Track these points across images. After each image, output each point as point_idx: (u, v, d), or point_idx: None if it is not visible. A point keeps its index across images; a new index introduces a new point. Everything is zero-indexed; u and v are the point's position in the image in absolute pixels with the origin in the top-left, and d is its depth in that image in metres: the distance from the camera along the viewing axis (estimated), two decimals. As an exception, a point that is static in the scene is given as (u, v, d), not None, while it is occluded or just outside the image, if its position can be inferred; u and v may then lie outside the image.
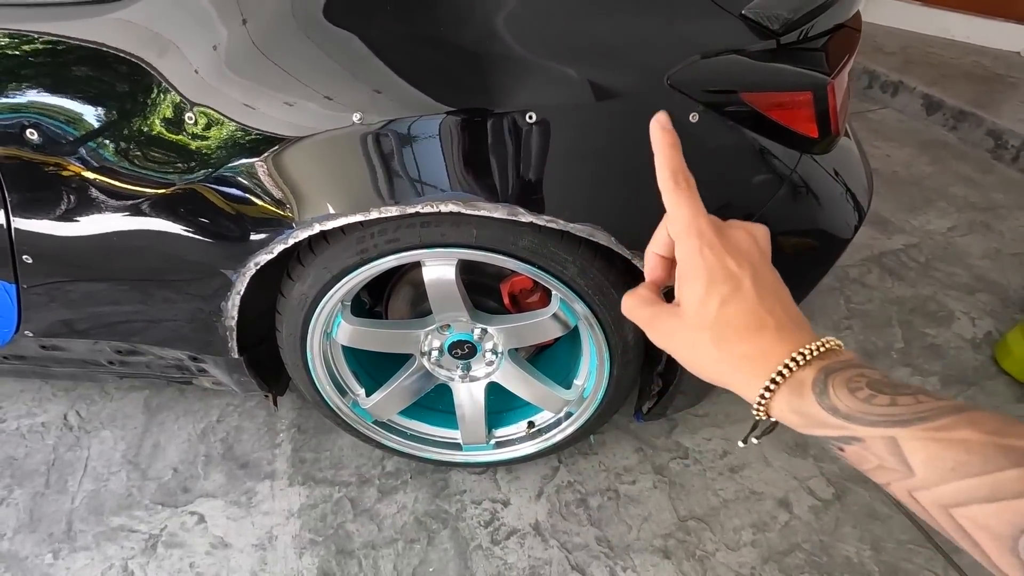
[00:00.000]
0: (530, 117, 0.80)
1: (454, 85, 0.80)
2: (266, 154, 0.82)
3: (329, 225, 0.85)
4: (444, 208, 0.83)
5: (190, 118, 0.81)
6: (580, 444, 1.41)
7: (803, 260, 1.04)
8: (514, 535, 1.24)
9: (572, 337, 1.15)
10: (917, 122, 3.04)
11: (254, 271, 0.91)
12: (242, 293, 0.94)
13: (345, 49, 0.79)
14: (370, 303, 1.31)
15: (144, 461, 1.31)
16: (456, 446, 1.27)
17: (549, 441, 1.23)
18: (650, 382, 1.26)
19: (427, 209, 0.83)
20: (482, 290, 1.11)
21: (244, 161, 0.82)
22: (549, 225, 0.86)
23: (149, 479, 1.28)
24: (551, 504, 1.29)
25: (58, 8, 0.79)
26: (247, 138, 0.81)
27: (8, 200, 0.88)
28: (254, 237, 0.87)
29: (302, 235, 0.86)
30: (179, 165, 0.84)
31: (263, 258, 0.89)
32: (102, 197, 0.86)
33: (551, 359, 1.31)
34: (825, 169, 1.01)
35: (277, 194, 0.84)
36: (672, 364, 1.13)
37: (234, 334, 1.02)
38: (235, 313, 0.98)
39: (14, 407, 1.40)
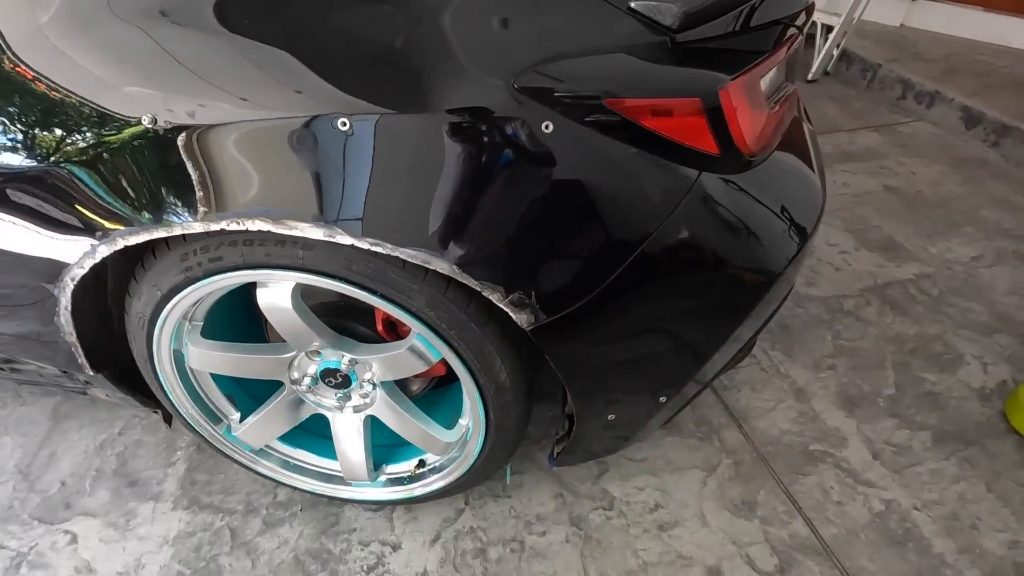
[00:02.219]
0: (343, 124, 0.69)
1: (256, 86, 0.70)
2: (64, 156, 0.74)
3: (132, 241, 0.76)
4: (251, 226, 0.73)
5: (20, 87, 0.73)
6: (493, 485, 1.27)
7: (712, 302, 0.88)
8: (397, 585, 1.12)
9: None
10: (954, 137, 2.74)
11: (72, 287, 0.83)
12: (70, 309, 0.87)
13: (135, 41, 0.70)
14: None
15: (36, 472, 1.27)
16: (344, 480, 1.16)
17: (434, 485, 1.10)
18: (559, 423, 1.12)
19: (234, 227, 0.73)
20: (356, 314, 1.00)
21: (43, 162, 0.74)
22: (374, 249, 0.74)
23: (35, 491, 1.24)
24: (446, 552, 1.17)
25: None
26: (47, 132, 0.73)
27: None
28: (64, 251, 0.80)
29: (107, 250, 0.78)
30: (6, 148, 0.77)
31: (77, 272, 0.81)
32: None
33: (450, 394, 1.19)
34: (744, 190, 0.85)
35: (79, 205, 0.76)
36: (581, 407, 0.99)
37: (79, 350, 0.95)
38: (71, 329, 0.91)
39: (-73, 406, 1.39)
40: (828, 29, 3.31)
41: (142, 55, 0.70)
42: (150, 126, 0.70)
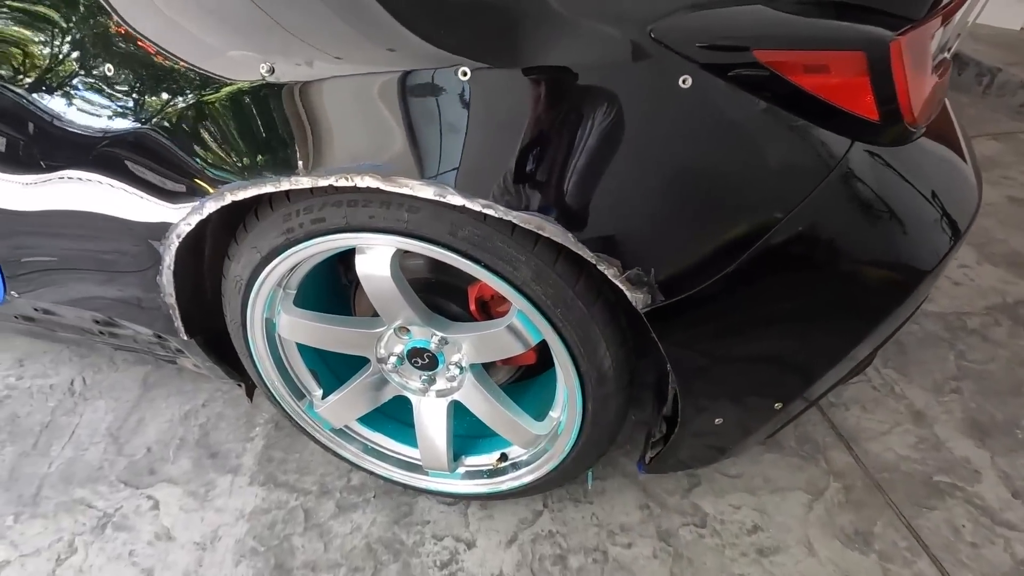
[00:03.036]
0: (463, 74, 0.64)
1: (375, 37, 0.66)
2: (182, 108, 0.73)
3: (240, 196, 0.75)
4: (360, 182, 0.69)
5: (121, 58, 0.73)
6: (573, 489, 1.19)
7: (850, 296, 0.77)
8: (471, 584, 1.05)
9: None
10: (1092, 147, 2.44)
11: (177, 244, 0.83)
12: (173, 268, 0.87)
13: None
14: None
15: (124, 436, 1.30)
16: (421, 469, 1.11)
17: (517, 480, 1.03)
18: (655, 425, 1.03)
19: (342, 183, 0.70)
20: (448, 291, 0.95)
21: (170, 113, 0.74)
22: (487, 211, 0.69)
23: (123, 455, 1.26)
24: (522, 555, 1.09)
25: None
26: (177, 83, 0.72)
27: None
28: (171, 207, 0.79)
29: (213, 206, 0.76)
30: (105, 117, 0.77)
31: (183, 230, 0.81)
32: (31, 155, 0.82)
33: (539, 385, 1.12)
34: (895, 170, 0.74)
35: (189, 158, 0.75)
36: (689, 409, 0.90)
37: (176, 312, 0.95)
38: (171, 290, 0.90)
39: (33, 366, 1.46)
40: (939, 31, 3.06)
41: (252, 11, 0.68)
42: (267, 76, 0.68)
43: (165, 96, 0.73)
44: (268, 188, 0.73)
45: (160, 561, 1.08)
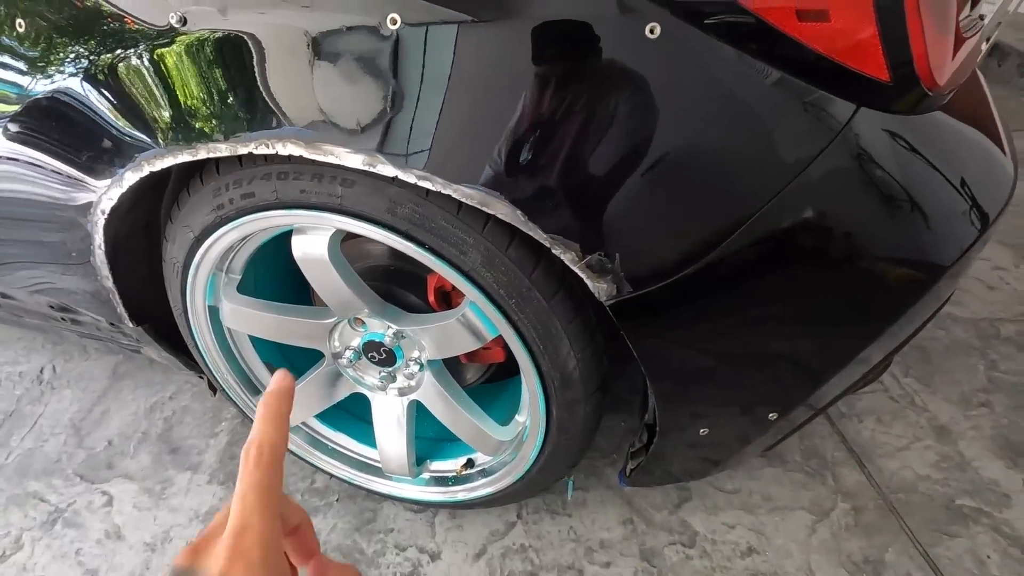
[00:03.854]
0: (392, 22, 0.55)
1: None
2: (94, 63, 0.65)
3: (158, 165, 0.67)
4: (283, 149, 0.61)
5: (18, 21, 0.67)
6: (551, 499, 1.09)
7: (852, 292, 0.66)
8: (431, 601, 0.97)
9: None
10: None
11: (103, 220, 0.76)
12: (104, 248, 0.80)
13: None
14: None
15: (87, 427, 1.25)
16: (383, 472, 1.03)
17: (482, 490, 0.94)
18: (636, 434, 0.93)
19: (263, 150, 0.62)
20: (405, 279, 0.86)
21: (76, 73, 0.67)
22: (423, 184, 0.60)
23: (82, 447, 1.21)
24: (490, 570, 1.00)
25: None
26: (94, 31, 0.65)
27: None
28: (92, 181, 0.72)
29: (133, 177, 0.69)
30: (21, 77, 0.70)
31: (106, 204, 0.73)
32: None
33: (513, 387, 1.02)
34: (911, 145, 0.63)
35: (102, 126, 0.67)
36: (666, 415, 0.79)
37: (116, 297, 0.88)
38: (107, 272, 0.84)
39: (4, 353, 1.43)
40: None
41: None
42: (177, 25, 0.60)
43: (73, 51, 0.65)
44: (185, 156, 0.65)
45: (106, 562, 1.02)
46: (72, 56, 0.66)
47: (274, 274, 0.96)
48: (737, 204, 0.59)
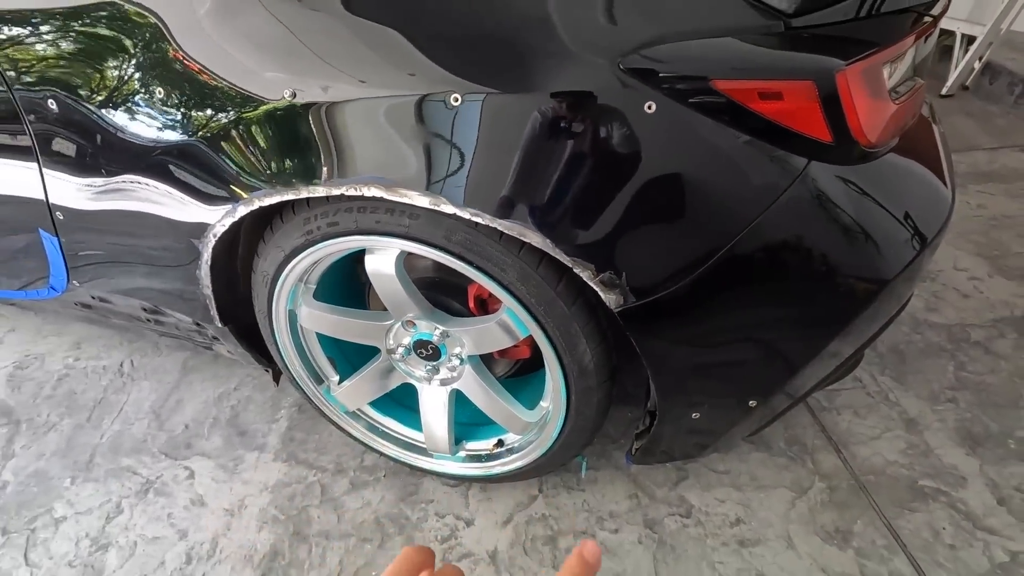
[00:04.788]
0: (455, 100, 0.74)
1: (381, 67, 0.77)
2: (220, 125, 0.85)
3: (267, 201, 0.86)
4: (367, 192, 0.80)
5: (174, 78, 0.86)
6: (567, 477, 1.28)
7: (813, 304, 0.84)
8: (467, 558, 1.15)
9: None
10: (1125, 159, 2.38)
11: (214, 243, 0.95)
12: (210, 263, 0.99)
13: (286, 23, 0.79)
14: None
15: (165, 413, 1.45)
16: (426, 451, 1.21)
17: (511, 464, 1.13)
18: (640, 419, 1.11)
19: (352, 192, 0.81)
20: (450, 289, 1.05)
21: (211, 128, 0.86)
22: (475, 219, 0.78)
23: (163, 430, 1.41)
24: (516, 535, 1.18)
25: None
26: (218, 103, 0.84)
27: (39, 152, 1.01)
28: (210, 209, 0.91)
29: (244, 210, 0.88)
30: (159, 132, 0.90)
31: (218, 230, 0.93)
32: (98, 163, 0.96)
33: (536, 380, 1.21)
34: (856, 185, 0.80)
35: (225, 167, 0.87)
36: (664, 403, 0.97)
37: (212, 302, 1.08)
38: (208, 282, 1.03)
39: (88, 349, 1.63)
40: (969, 40, 3.02)
41: (281, 39, 0.79)
42: (289, 99, 0.79)
43: (208, 112, 0.85)
44: (290, 196, 0.84)
45: (193, 524, 1.21)
46: (205, 116, 0.85)
47: (335, 282, 1.15)
48: (719, 233, 0.77)
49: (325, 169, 0.81)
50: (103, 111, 0.92)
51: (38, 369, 1.58)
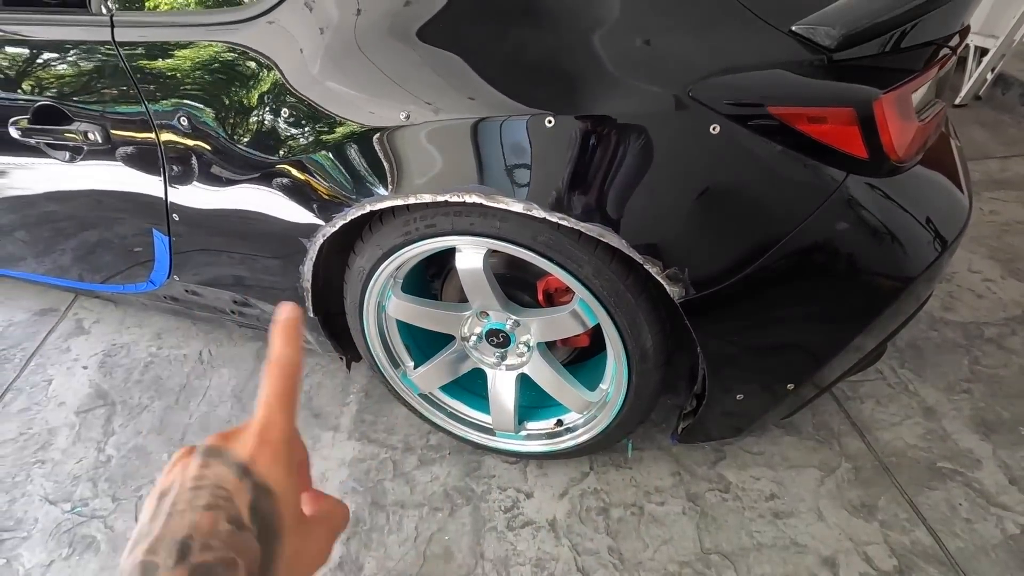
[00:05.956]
0: (549, 121, 0.88)
1: (481, 94, 0.91)
2: (337, 143, 0.99)
3: (378, 206, 1.00)
4: (468, 199, 0.94)
5: (290, 107, 1.01)
6: (615, 456, 1.41)
7: (849, 295, 0.97)
8: (529, 525, 1.28)
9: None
10: None
11: (321, 241, 1.09)
12: (314, 260, 1.14)
13: (401, 59, 0.94)
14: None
15: (246, 397, 1.59)
16: (490, 431, 1.35)
17: (571, 441, 1.26)
18: (686, 402, 1.24)
19: (454, 199, 0.95)
20: (521, 284, 1.19)
21: (328, 147, 1.00)
22: (562, 223, 0.92)
23: (246, 412, 1.55)
24: (572, 506, 1.32)
25: (204, 28, 1.05)
26: (334, 127, 0.99)
27: (166, 165, 1.16)
28: (323, 213, 1.06)
29: (355, 213, 1.02)
30: (278, 148, 1.05)
31: (328, 231, 1.07)
32: (228, 169, 1.10)
33: (587, 368, 1.34)
34: (887, 194, 0.94)
35: (340, 178, 1.01)
36: (713, 384, 1.11)
37: (309, 295, 1.22)
38: (310, 277, 1.17)
39: (169, 339, 1.78)
40: (982, 52, 3.13)
41: (386, 75, 0.93)
42: (404, 121, 0.93)
43: (325, 133, 0.99)
44: (399, 202, 0.98)
45: (282, 494, 1.35)
46: (326, 134, 0.99)
47: (410, 278, 1.29)
48: (768, 235, 0.91)
49: (430, 179, 0.95)
50: (229, 130, 1.07)
51: (125, 356, 1.73)
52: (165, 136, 1.12)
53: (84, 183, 1.28)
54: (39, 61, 1.19)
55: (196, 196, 1.17)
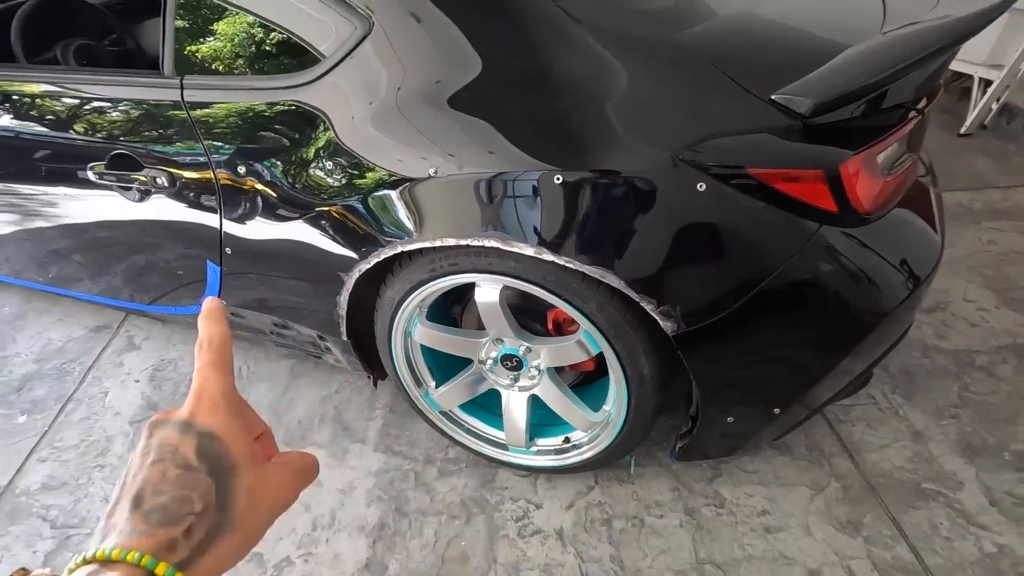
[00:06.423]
0: (557, 179, 1.02)
1: (500, 152, 1.05)
2: (376, 191, 1.14)
3: (409, 247, 1.15)
4: (487, 243, 1.08)
5: (338, 159, 1.16)
6: (619, 471, 1.52)
7: (825, 331, 1.09)
8: (538, 534, 1.40)
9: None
10: None
11: (357, 276, 1.24)
12: (350, 291, 1.28)
13: (433, 122, 1.09)
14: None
15: (281, 410, 1.74)
16: (504, 446, 1.48)
17: (578, 457, 1.38)
18: (683, 423, 1.36)
19: (475, 242, 1.09)
20: (533, 315, 1.32)
21: (366, 194, 1.15)
22: (568, 265, 1.06)
23: (281, 424, 1.70)
24: (578, 516, 1.43)
25: (267, 91, 1.22)
26: (373, 178, 1.14)
27: (223, 206, 1.32)
28: (360, 251, 1.21)
29: (388, 252, 1.17)
30: (323, 192, 1.20)
31: (363, 267, 1.22)
32: (278, 210, 1.26)
33: (592, 391, 1.47)
34: (860, 240, 1.05)
35: (379, 222, 1.16)
36: (705, 407, 1.23)
37: (343, 321, 1.37)
38: (345, 305, 1.32)
39: (211, 356, 1.94)
40: (987, 83, 3.22)
41: (423, 134, 1.08)
42: (432, 175, 1.08)
43: (365, 182, 1.14)
44: (427, 244, 1.12)
45: (315, 500, 1.50)
46: (367, 183, 1.15)
47: (433, 307, 1.43)
48: (750, 278, 1.03)
49: (454, 225, 1.10)
50: (283, 175, 1.23)
51: (173, 371, 1.90)
52: (224, 181, 1.29)
53: (148, 219, 1.45)
54: (116, 114, 1.37)
55: (247, 232, 1.33)
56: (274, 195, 1.25)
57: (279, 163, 1.23)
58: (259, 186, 1.26)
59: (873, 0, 1.29)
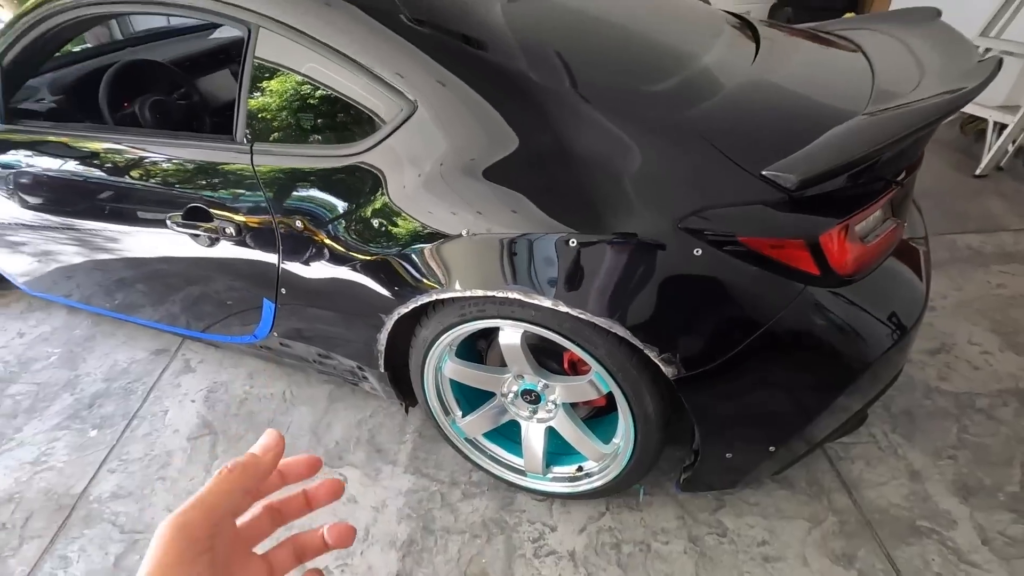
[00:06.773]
0: (572, 242, 1.18)
1: (523, 216, 1.22)
2: (418, 245, 1.32)
3: (442, 296, 1.32)
4: (511, 295, 1.24)
5: (387, 216, 1.34)
6: (628, 499, 1.65)
7: (813, 377, 1.22)
8: (552, 555, 1.53)
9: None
10: None
11: (397, 317, 1.41)
12: (389, 330, 1.46)
13: (468, 189, 1.26)
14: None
15: (320, 432, 1.92)
16: (522, 472, 1.62)
17: (589, 485, 1.52)
18: (687, 458, 1.48)
19: (500, 294, 1.25)
20: (550, 355, 1.48)
21: (407, 248, 1.33)
22: (581, 316, 1.21)
23: (320, 444, 1.87)
24: (589, 540, 1.56)
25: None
26: (414, 234, 1.32)
27: (281, 252, 1.52)
28: (402, 296, 1.38)
29: (425, 299, 1.34)
30: (372, 243, 1.38)
31: (403, 310, 1.39)
32: (330, 257, 1.45)
33: (605, 423, 1.60)
34: (844, 296, 1.19)
35: (418, 272, 1.33)
36: (704, 444, 1.35)
37: (382, 356, 1.54)
38: (384, 341, 1.50)
39: (259, 379, 2.14)
40: (1002, 126, 3.29)
41: (459, 198, 1.26)
42: (464, 235, 1.25)
43: (409, 237, 1.32)
44: (458, 294, 1.29)
45: (350, 516, 1.65)
46: (411, 238, 1.32)
47: (461, 345, 1.60)
48: (742, 332, 1.17)
49: (483, 279, 1.26)
50: (337, 227, 1.42)
51: (225, 393, 2.09)
52: (283, 230, 1.48)
53: (212, 258, 1.65)
54: (193, 172, 1.59)
55: (302, 274, 1.52)
56: (328, 244, 1.44)
57: (334, 216, 1.42)
58: (315, 236, 1.45)
59: (863, 76, 1.44)
